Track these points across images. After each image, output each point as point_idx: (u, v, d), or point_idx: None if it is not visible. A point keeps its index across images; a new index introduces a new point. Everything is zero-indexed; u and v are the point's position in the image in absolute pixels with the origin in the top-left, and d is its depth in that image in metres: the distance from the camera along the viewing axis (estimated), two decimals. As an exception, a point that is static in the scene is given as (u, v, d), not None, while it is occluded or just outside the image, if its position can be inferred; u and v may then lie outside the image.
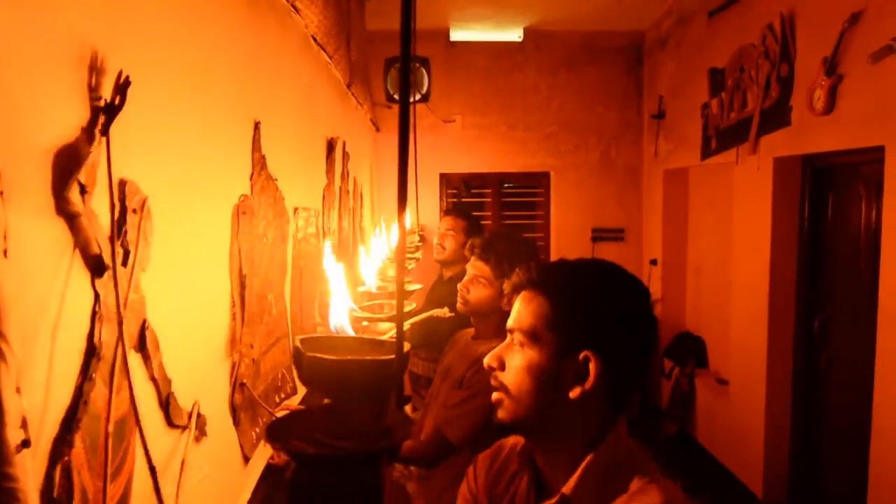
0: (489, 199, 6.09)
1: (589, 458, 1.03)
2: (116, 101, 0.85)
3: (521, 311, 1.08)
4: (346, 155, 3.48)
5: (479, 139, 5.87)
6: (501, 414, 1.07)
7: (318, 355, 0.74)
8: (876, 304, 2.96)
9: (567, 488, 1.02)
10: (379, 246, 2.13)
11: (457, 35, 5.74)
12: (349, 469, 0.57)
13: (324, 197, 2.89)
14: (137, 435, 0.96)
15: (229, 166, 1.61)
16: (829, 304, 3.69)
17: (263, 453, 1.78)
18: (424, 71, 5.61)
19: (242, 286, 1.65)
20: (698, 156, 4.76)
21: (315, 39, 2.59)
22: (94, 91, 0.83)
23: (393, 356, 0.75)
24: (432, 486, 1.92)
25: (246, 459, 1.63)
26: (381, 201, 5.60)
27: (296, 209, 2.31)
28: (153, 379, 1.03)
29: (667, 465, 4.78)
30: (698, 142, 4.76)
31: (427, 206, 5.65)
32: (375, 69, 5.43)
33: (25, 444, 0.64)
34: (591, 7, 5.21)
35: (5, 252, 0.62)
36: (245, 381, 1.66)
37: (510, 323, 1.09)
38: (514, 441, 1.22)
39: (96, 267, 0.81)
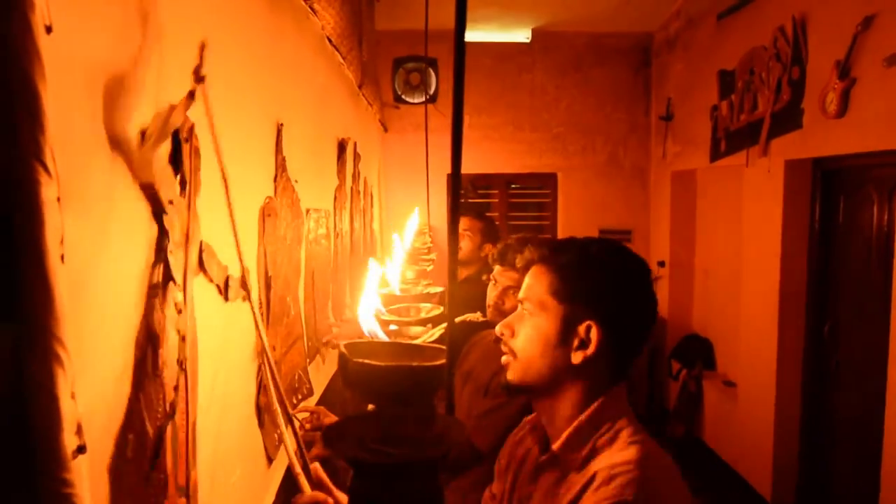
0: (496, 200, 6.09)
1: (579, 418, 1.13)
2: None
3: (531, 283, 1.20)
4: (356, 156, 3.48)
5: (486, 140, 5.87)
6: (509, 375, 1.19)
7: (366, 361, 0.73)
8: (888, 307, 2.95)
9: (556, 445, 1.14)
10: (397, 248, 2.13)
11: (466, 36, 5.73)
12: (409, 477, 0.57)
13: (335, 198, 2.89)
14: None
15: (256, 169, 1.62)
16: (840, 308, 3.68)
17: (285, 454, 1.78)
18: (432, 72, 5.61)
19: (268, 288, 1.66)
20: (707, 158, 4.76)
21: (330, 41, 2.59)
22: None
23: (440, 362, 0.75)
24: (457, 486, 1.92)
25: (269, 460, 1.63)
26: (389, 202, 5.60)
27: (308, 210, 2.31)
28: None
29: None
30: (707, 144, 4.75)
31: (434, 206, 5.65)
32: (383, 69, 5.43)
33: (81, 449, 0.64)
34: (599, 8, 5.21)
35: (62, 257, 0.62)
36: (273, 381, 1.66)
37: (521, 294, 1.21)
38: (531, 419, 1.32)
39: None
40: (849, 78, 3.11)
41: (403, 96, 5.68)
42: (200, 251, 1.09)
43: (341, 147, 3.00)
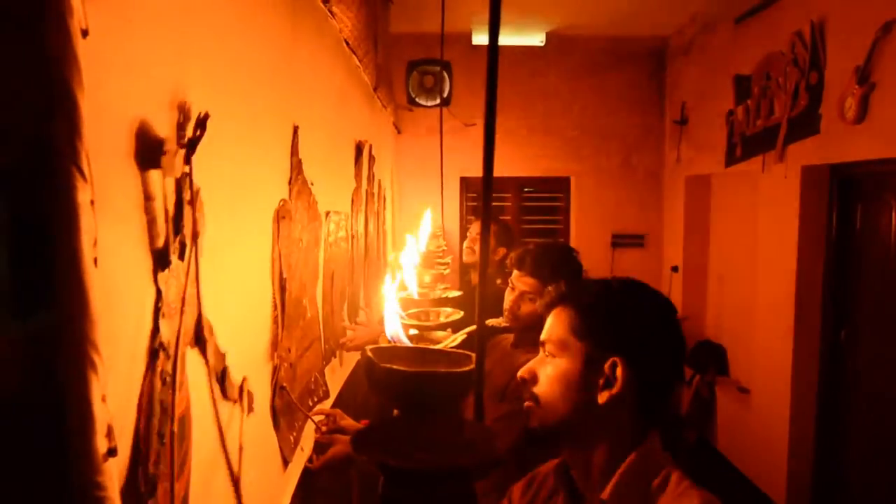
0: (509, 204, 6.08)
1: (626, 462, 1.05)
2: (197, 133, 0.87)
3: (551, 324, 1.15)
4: (371, 158, 3.49)
5: (500, 143, 5.73)
6: (532, 422, 1.12)
7: (394, 367, 0.73)
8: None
9: (605, 493, 1.04)
10: (411, 251, 2.13)
11: (479, 39, 5.75)
12: (443, 483, 0.57)
13: (352, 201, 2.90)
14: (193, 432, 0.97)
15: (271, 171, 1.62)
16: (857, 314, 3.65)
17: (301, 457, 1.79)
18: (446, 74, 5.61)
19: (283, 290, 1.66)
20: (722, 163, 4.74)
21: (347, 43, 2.60)
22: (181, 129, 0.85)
23: (468, 368, 0.75)
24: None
25: (285, 463, 1.63)
26: (401, 204, 5.60)
27: (328, 213, 2.32)
28: (208, 365, 1.05)
29: (686, 473, 4.71)
30: (722, 149, 4.73)
31: (447, 209, 5.65)
32: (397, 72, 5.44)
33: (112, 452, 0.64)
34: (614, 12, 5.19)
35: (95, 261, 0.63)
36: (285, 384, 1.67)
37: (542, 336, 1.15)
38: (548, 467, 1.25)
39: (160, 259, 0.82)
40: (868, 83, 3.08)
41: (417, 99, 5.69)
42: (199, 324, 1.01)
43: (358, 149, 3.01)
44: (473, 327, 1.26)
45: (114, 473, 0.64)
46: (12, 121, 0.60)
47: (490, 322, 1.49)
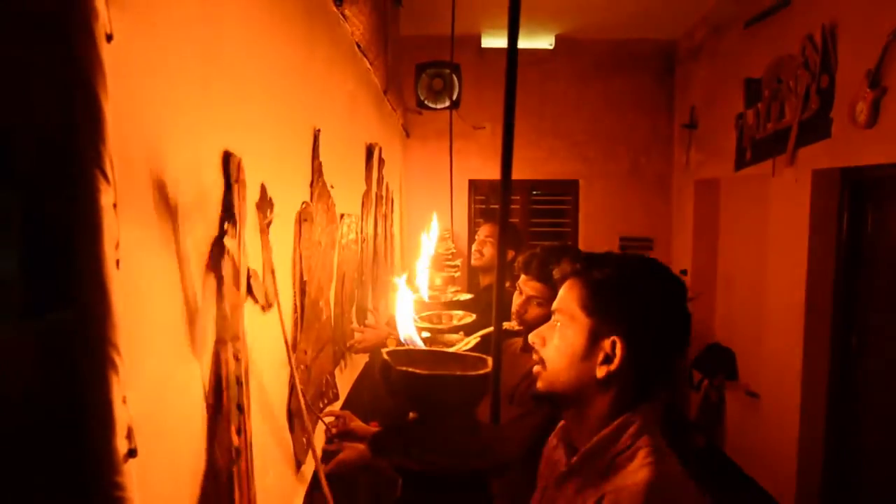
0: (517, 207, 6.08)
1: (600, 433, 1.13)
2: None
3: (563, 295, 1.22)
4: (381, 161, 3.49)
5: (508, 146, 5.84)
6: (539, 384, 1.21)
7: (411, 370, 0.74)
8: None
9: (575, 458, 1.16)
10: (424, 250, 2.13)
11: (488, 42, 5.75)
12: (461, 487, 0.57)
13: (363, 203, 2.90)
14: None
15: (294, 174, 1.63)
16: (868, 319, 3.63)
17: (311, 459, 1.79)
18: (455, 77, 5.62)
19: (303, 293, 1.67)
20: (732, 166, 4.72)
21: (359, 46, 2.60)
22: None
23: (485, 371, 0.75)
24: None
25: (298, 464, 1.64)
26: (408, 206, 5.61)
27: (342, 215, 2.32)
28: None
29: (695, 477, 4.72)
30: (732, 152, 4.72)
31: (455, 212, 5.66)
32: (406, 75, 5.45)
33: (132, 453, 0.64)
34: (623, 15, 5.19)
35: (118, 263, 0.63)
36: (301, 386, 1.67)
37: (554, 305, 1.23)
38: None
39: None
40: (880, 87, 3.07)
41: (426, 102, 5.70)
42: (248, 279, 1.11)
43: (369, 152, 3.02)
44: (487, 330, 1.27)
45: (133, 474, 0.65)
46: (37, 124, 0.60)
47: (505, 325, 1.50)
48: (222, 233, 0.95)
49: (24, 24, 0.60)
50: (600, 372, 1.13)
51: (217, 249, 0.94)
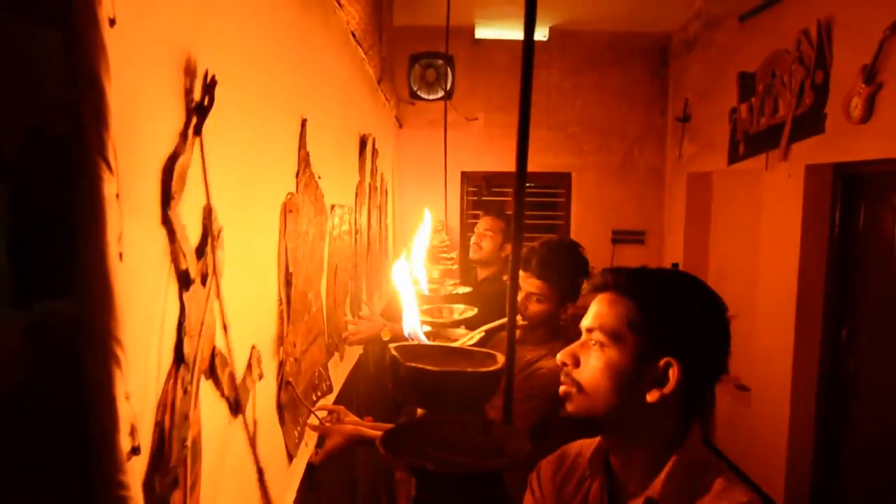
0: (510, 199, 6.06)
1: (673, 458, 1.06)
2: (206, 102, 0.85)
3: (603, 312, 1.11)
4: (375, 151, 3.47)
5: (501, 138, 5.84)
6: (570, 408, 1.11)
7: (421, 366, 0.72)
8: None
9: (653, 491, 1.05)
10: (418, 245, 2.11)
11: (482, 33, 5.72)
12: (479, 486, 0.56)
13: (356, 194, 2.88)
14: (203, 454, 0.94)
15: (279, 164, 1.60)
16: (859, 314, 3.65)
17: (305, 452, 1.77)
18: (448, 69, 5.59)
19: (288, 284, 1.64)
20: (725, 160, 4.73)
21: (354, 35, 2.57)
22: (189, 94, 0.82)
23: (495, 368, 0.73)
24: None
25: (290, 458, 1.62)
26: (401, 198, 5.58)
27: (333, 206, 2.30)
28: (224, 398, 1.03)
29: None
30: (725, 146, 4.72)
31: (448, 203, 5.64)
32: (399, 65, 5.41)
33: (135, 451, 0.63)
34: (617, 7, 5.18)
35: (121, 255, 0.61)
36: (290, 379, 1.65)
37: (589, 323, 1.12)
38: (578, 447, 1.25)
39: (184, 279, 0.80)
40: (875, 83, 3.07)
41: (419, 92, 5.67)
42: (213, 356, 1.00)
43: (362, 143, 2.99)
44: (491, 325, 1.25)
45: (136, 472, 0.63)
46: (37, 111, 0.58)
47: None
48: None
49: (24, 9, 0.58)
50: (652, 396, 1.05)
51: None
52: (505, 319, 1.51)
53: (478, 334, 1.11)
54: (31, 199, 0.68)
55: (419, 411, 0.85)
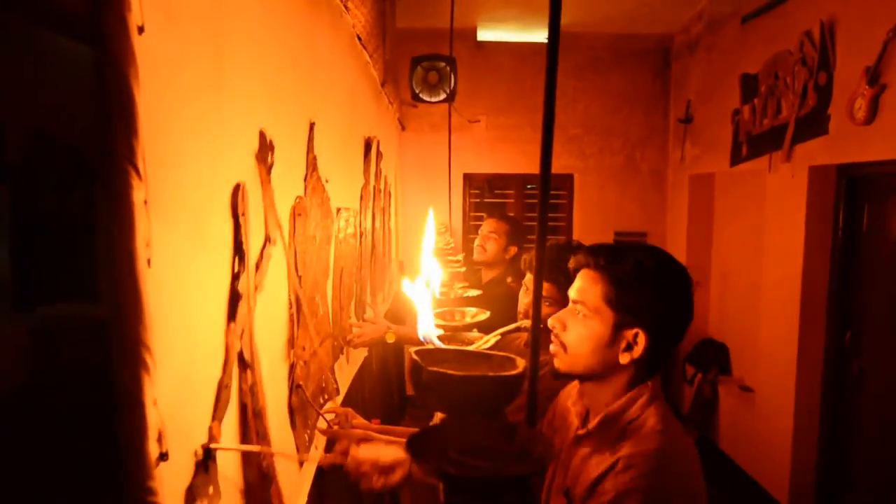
0: (512, 201, 6.07)
1: (613, 405, 1.31)
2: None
3: (586, 287, 1.34)
4: (379, 154, 3.47)
5: (503, 140, 5.85)
6: (558, 364, 1.37)
7: (444, 370, 0.72)
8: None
9: (592, 425, 1.32)
10: (426, 248, 2.11)
11: (484, 35, 5.72)
12: (508, 490, 0.56)
13: (361, 197, 2.88)
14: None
15: (288, 168, 1.60)
16: (863, 315, 3.65)
17: (314, 455, 1.77)
18: (451, 71, 5.59)
19: (298, 288, 1.65)
20: (727, 162, 4.73)
21: (360, 39, 2.58)
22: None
23: (516, 372, 0.74)
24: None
25: (301, 462, 1.62)
26: (404, 200, 5.59)
27: (339, 209, 2.30)
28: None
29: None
30: (728, 148, 4.72)
31: (450, 206, 5.64)
32: (401, 68, 5.42)
33: (163, 457, 0.63)
34: (620, 10, 5.18)
35: (149, 261, 0.61)
36: (300, 382, 1.66)
37: (574, 295, 1.35)
38: (563, 396, 1.56)
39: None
40: (878, 84, 3.08)
41: (421, 95, 5.66)
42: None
43: (367, 146, 3.00)
44: (506, 328, 1.26)
45: (164, 478, 0.63)
46: (70, 117, 0.58)
47: (522, 324, 1.50)
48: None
49: (53, 19, 0.58)
50: (623, 359, 1.29)
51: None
52: (519, 323, 1.51)
53: (493, 337, 1.11)
54: (33, 202, 0.68)
55: (438, 415, 0.85)
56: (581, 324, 1.32)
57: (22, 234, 0.66)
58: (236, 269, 0.93)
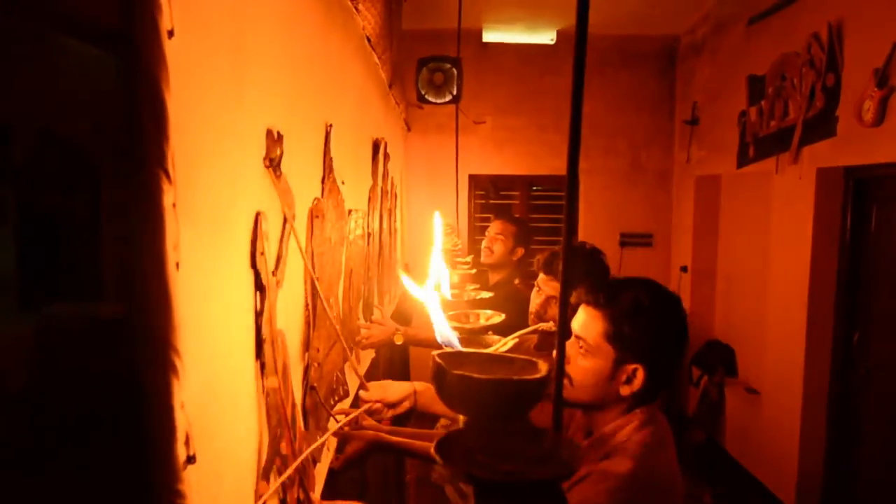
0: (517, 202, 6.07)
1: (605, 428, 1.37)
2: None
3: (587, 324, 1.40)
4: (386, 155, 3.47)
5: (508, 141, 5.85)
6: (564, 395, 1.32)
7: (468, 374, 0.72)
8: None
9: (585, 442, 1.39)
10: (436, 250, 2.10)
11: (490, 36, 5.72)
12: (540, 494, 0.56)
13: (369, 198, 2.88)
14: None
15: (307, 170, 1.61)
16: (871, 317, 3.64)
17: (325, 457, 1.78)
18: (456, 72, 5.58)
19: (314, 290, 1.65)
20: (734, 163, 4.72)
21: (369, 40, 2.58)
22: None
23: (540, 375, 0.74)
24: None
25: (314, 463, 1.63)
26: (410, 201, 5.59)
27: (350, 211, 2.30)
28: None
29: (695, 473, 4.80)
30: (734, 149, 4.72)
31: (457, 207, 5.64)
32: (407, 69, 5.42)
33: (191, 460, 0.63)
34: (626, 11, 5.18)
35: (177, 265, 0.61)
36: (314, 384, 1.66)
37: (577, 330, 1.41)
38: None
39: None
40: (887, 86, 3.07)
41: (427, 96, 5.67)
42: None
43: (375, 147, 3.00)
44: (525, 331, 1.26)
45: (192, 481, 0.63)
46: (100, 121, 0.59)
47: (540, 326, 1.50)
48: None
49: (84, 25, 0.58)
50: (624, 391, 1.36)
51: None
52: (536, 326, 1.51)
53: (511, 340, 1.11)
54: (38, 203, 0.68)
55: (461, 418, 0.85)
56: (584, 359, 1.38)
57: (28, 233, 0.65)
58: (258, 268, 0.93)
